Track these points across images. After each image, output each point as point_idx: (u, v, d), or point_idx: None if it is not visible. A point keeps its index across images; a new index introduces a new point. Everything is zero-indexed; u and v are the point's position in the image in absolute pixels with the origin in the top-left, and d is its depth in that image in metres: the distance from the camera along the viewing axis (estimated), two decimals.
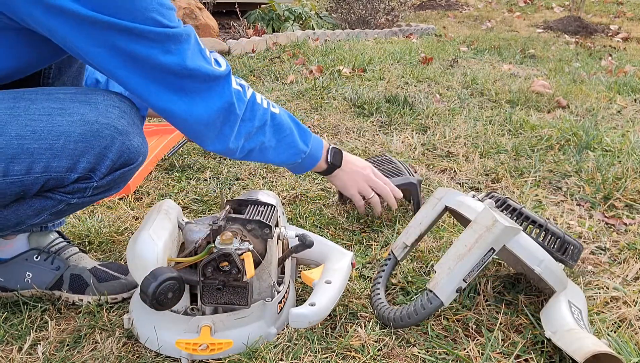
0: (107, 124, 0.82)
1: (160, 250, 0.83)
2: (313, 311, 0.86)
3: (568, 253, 1.00)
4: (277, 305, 0.92)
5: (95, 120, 0.81)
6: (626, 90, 2.85)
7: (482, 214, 0.89)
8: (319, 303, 0.87)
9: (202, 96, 0.86)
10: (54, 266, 1.00)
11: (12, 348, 0.88)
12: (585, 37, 5.49)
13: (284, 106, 2.32)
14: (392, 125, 2.10)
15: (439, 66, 3.33)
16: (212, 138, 0.91)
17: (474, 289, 1.05)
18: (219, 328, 0.86)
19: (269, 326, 0.91)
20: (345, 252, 1.01)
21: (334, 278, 0.93)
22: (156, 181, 1.56)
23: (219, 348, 0.84)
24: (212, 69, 0.86)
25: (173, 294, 0.79)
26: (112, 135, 0.82)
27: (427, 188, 1.55)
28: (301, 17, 4.75)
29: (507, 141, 1.93)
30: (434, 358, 0.88)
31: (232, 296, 0.86)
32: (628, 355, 0.88)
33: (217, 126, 0.89)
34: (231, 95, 0.89)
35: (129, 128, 0.85)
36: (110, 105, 0.83)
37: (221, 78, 0.88)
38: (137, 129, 0.87)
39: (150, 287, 0.77)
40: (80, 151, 0.80)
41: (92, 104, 0.82)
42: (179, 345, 0.83)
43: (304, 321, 0.86)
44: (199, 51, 0.85)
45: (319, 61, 3.24)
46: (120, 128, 0.83)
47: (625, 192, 1.51)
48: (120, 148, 0.83)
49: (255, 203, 0.96)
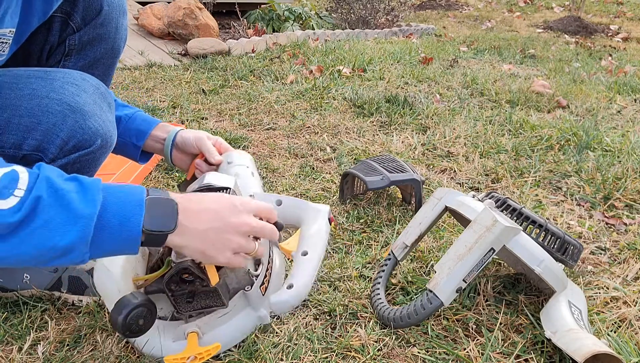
0: (58, 100, 0.76)
1: (118, 277, 0.78)
2: (292, 295, 0.83)
3: (568, 253, 1.00)
4: (260, 288, 0.88)
5: (45, 95, 0.75)
6: (626, 90, 2.85)
7: (482, 215, 0.89)
8: (296, 284, 0.84)
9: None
10: (52, 268, 1.00)
11: (12, 348, 0.88)
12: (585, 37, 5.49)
13: (284, 106, 2.32)
14: (392, 125, 2.10)
15: (439, 66, 3.33)
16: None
17: (474, 289, 1.05)
18: (206, 330, 0.84)
19: (257, 310, 0.89)
20: (320, 208, 0.94)
21: (311, 247, 0.88)
22: (156, 181, 1.56)
23: (208, 354, 0.82)
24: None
25: (144, 319, 0.75)
26: (63, 112, 0.76)
27: (427, 188, 1.55)
28: (301, 17, 4.75)
29: (507, 141, 1.93)
30: (434, 358, 0.88)
31: (206, 300, 0.83)
32: (628, 355, 0.88)
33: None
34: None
35: (86, 107, 0.79)
36: (67, 82, 0.78)
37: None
38: (98, 110, 0.81)
39: (118, 321, 0.73)
40: (26, 127, 0.74)
41: (47, 80, 0.77)
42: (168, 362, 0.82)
43: (286, 306, 0.83)
44: None
45: (319, 61, 3.24)
46: (74, 105, 0.77)
47: (625, 192, 1.51)
48: (73, 127, 0.77)
49: (208, 189, 0.87)
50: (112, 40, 0.97)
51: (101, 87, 0.85)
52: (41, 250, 0.62)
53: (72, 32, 0.93)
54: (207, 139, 1.06)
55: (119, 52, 1.01)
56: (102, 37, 0.96)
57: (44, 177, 0.63)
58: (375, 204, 1.43)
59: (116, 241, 0.66)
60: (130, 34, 3.69)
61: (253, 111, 2.26)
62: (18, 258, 0.63)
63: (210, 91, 2.54)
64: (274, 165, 1.67)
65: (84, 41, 0.94)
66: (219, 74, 2.89)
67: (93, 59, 0.97)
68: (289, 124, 2.08)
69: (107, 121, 0.84)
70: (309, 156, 1.77)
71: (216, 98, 2.43)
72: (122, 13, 0.98)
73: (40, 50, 0.94)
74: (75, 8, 0.92)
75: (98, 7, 0.93)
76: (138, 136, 1.06)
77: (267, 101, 2.39)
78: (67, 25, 0.93)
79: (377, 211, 1.38)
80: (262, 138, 1.93)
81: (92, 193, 0.65)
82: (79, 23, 0.93)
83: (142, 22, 3.86)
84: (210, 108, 2.27)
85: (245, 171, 1.00)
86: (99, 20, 0.94)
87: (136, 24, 3.91)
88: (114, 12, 0.96)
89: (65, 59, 0.95)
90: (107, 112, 0.85)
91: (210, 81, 2.76)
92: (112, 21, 0.96)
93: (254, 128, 2.04)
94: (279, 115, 2.21)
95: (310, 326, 0.95)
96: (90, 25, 0.94)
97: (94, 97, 0.81)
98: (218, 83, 2.69)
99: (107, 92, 0.87)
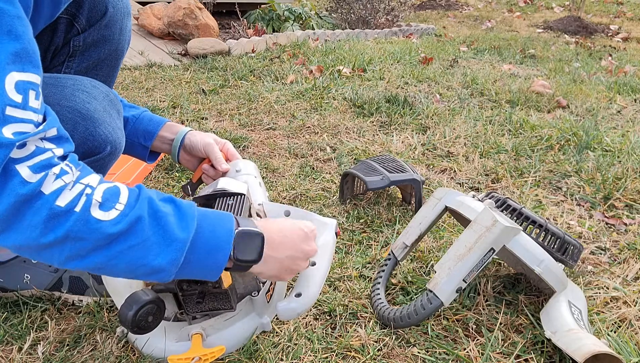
0: (69, 107, 0.76)
1: None
2: (300, 303, 0.84)
3: (568, 253, 1.00)
4: (266, 295, 0.90)
5: (57, 102, 0.76)
6: (626, 90, 2.85)
7: (482, 215, 0.89)
8: (305, 293, 0.85)
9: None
10: (52, 268, 1.00)
11: (12, 348, 0.88)
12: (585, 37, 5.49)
13: (283, 106, 2.32)
14: (392, 125, 2.10)
15: (439, 66, 3.33)
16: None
17: (474, 289, 1.05)
18: (210, 333, 0.85)
19: (261, 317, 0.90)
20: (327, 222, 0.94)
21: (319, 258, 0.89)
22: (156, 181, 1.56)
23: (212, 356, 0.82)
24: None
25: (153, 317, 0.76)
26: (74, 119, 0.76)
27: (427, 188, 1.55)
28: (301, 17, 4.75)
29: (507, 141, 1.93)
30: (434, 358, 0.88)
31: (215, 302, 0.84)
32: (628, 355, 0.88)
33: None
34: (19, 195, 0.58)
35: (96, 115, 0.79)
36: (77, 89, 0.78)
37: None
38: (108, 118, 0.82)
39: (128, 317, 0.74)
40: None
41: (58, 87, 0.77)
42: (172, 362, 0.82)
43: (292, 314, 0.84)
44: None
45: (319, 61, 3.24)
46: (85, 113, 0.77)
47: (625, 192, 1.51)
48: (83, 134, 0.77)
49: (223, 195, 0.88)
50: (116, 41, 0.97)
51: (110, 94, 0.85)
52: (133, 265, 0.65)
53: (76, 34, 0.93)
54: (215, 144, 1.06)
55: (123, 53, 1.01)
56: (106, 39, 0.96)
57: (145, 197, 0.66)
58: (375, 204, 1.43)
59: (202, 267, 0.69)
60: None
61: (253, 111, 2.26)
62: (112, 269, 0.65)
63: (210, 91, 2.54)
64: (274, 165, 1.67)
65: (88, 42, 0.95)
66: (219, 74, 2.89)
67: (97, 60, 0.97)
68: (289, 124, 2.08)
69: (117, 128, 0.84)
70: (309, 156, 1.77)
71: (216, 98, 2.43)
72: (126, 15, 0.98)
73: (45, 51, 0.94)
74: (80, 9, 0.92)
75: (103, 8, 0.93)
76: (146, 137, 1.07)
77: (267, 101, 2.39)
78: (72, 27, 0.93)
79: (377, 211, 1.38)
80: (262, 138, 1.93)
81: (187, 218, 0.67)
82: (84, 24, 0.93)
83: (142, 22, 3.86)
84: (210, 108, 2.27)
85: (254, 180, 1.01)
86: (103, 21, 0.94)
87: (136, 24, 3.91)
88: (119, 14, 0.96)
89: (69, 60, 0.95)
90: (116, 119, 0.85)
91: (210, 81, 2.76)
92: (117, 23, 0.96)
93: (254, 128, 2.04)
94: (279, 115, 2.21)
95: (310, 326, 0.95)
96: (95, 26, 0.94)
97: (104, 104, 0.82)
98: (218, 83, 2.69)
99: (116, 99, 0.87)
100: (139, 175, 1.52)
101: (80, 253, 0.62)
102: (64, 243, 0.61)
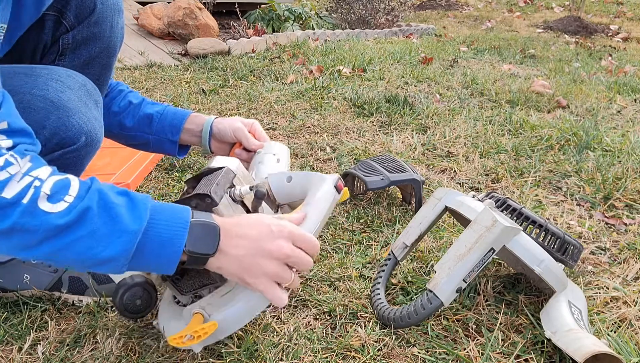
0: (41, 96, 0.75)
1: None
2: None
3: (568, 253, 1.00)
4: None
5: (28, 91, 0.75)
6: (626, 90, 2.85)
7: (482, 215, 0.89)
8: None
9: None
10: (52, 268, 1.00)
11: (12, 348, 0.88)
12: (585, 37, 5.49)
13: (284, 106, 2.33)
14: (392, 125, 2.10)
15: (439, 66, 3.33)
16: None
17: (474, 289, 1.05)
18: (211, 311, 0.82)
19: None
20: (326, 176, 0.90)
21: (309, 207, 0.85)
22: (156, 181, 1.56)
23: (204, 333, 0.79)
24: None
25: (141, 300, 0.78)
26: (46, 108, 0.75)
27: (427, 188, 1.55)
28: (301, 17, 4.75)
29: (507, 141, 1.93)
30: (434, 358, 0.88)
31: (200, 278, 0.83)
32: (628, 355, 0.88)
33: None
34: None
35: (70, 104, 0.78)
36: (51, 78, 0.77)
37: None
38: (83, 107, 0.80)
39: (116, 301, 0.77)
40: None
41: (31, 77, 0.76)
42: (172, 342, 0.80)
43: None
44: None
45: (319, 61, 3.24)
46: (57, 102, 0.76)
47: (625, 192, 1.51)
48: (56, 124, 0.76)
49: (208, 173, 0.88)
50: (107, 39, 0.96)
51: (88, 84, 0.84)
52: (83, 256, 0.65)
53: (65, 31, 0.92)
54: (244, 128, 1.07)
55: (115, 51, 0.99)
56: (96, 36, 0.94)
57: (96, 189, 0.66)
58: (375, 204, 1.43)
59: (156, 259, 0.68)
60: (130, 34, 3.69)
61: (253, 111, 2.26)
62: (62, 260, 0.66)
63: (210, 91, 2.54)
64: None
65: (78, 40, 0.93)
66: (219, 74, 2.89)
67: (88, 58, 0.95)
68: (289, 124, 2.08)
69: (93, 118, 0.83)
70: (309, 156, 1.77)
71: (216, 98, 2.43)
72: (117, 12, 0.97)
73: (34, 49, 0.93)
74: (67, 6, 0.90)
75: (91, 5, 0.92)
76: (173, 132, 1.08)
77: (267, 101, 2.39)
78: (60, 24, 0.92)
79: (377, 211, 1.38)
80: None
81: (140, 210, 0.67)
82: (72, 22, 0.92)
83: (142, 22, 3.86)
84: (210, 108, 2.27)
85: (271, 158, 1.02)
86: (92, 18, 0.93)
87: (136, 24, 3.91)
88: (108, 11, 0.95)
89: (60, 59, 0.94)
90: (93, 109, 0.83)
91: (210, 81, 2.76)
92: (107, 20, 0.95)
93: None
94: (279, 115, 2.21)
95: (310, 326, 0.95)
96: (83, 24, 0.92)
97: (79, 94, 0.81)
98: (218, 83, 2.69)
99: (94, 90, 0.85)
100: (139, 175, 1.51)
101: (28, 244, 0.63)
102: (11, 234, 0.61)
